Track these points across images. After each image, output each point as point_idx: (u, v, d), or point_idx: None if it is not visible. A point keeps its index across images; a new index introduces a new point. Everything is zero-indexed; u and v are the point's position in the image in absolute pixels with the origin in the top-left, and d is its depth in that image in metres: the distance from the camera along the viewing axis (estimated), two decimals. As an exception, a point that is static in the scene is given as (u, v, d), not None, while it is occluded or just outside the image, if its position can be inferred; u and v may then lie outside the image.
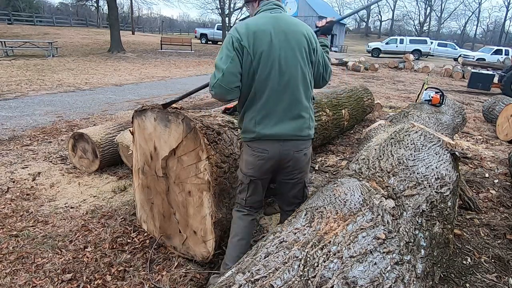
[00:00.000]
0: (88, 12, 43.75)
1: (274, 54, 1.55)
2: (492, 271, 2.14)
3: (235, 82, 1.55)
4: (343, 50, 34.59)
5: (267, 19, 1.58)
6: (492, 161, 4.22)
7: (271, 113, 1.61)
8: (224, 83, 1.51)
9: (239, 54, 1.52)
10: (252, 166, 1.71)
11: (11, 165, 3.49)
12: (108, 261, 2.11)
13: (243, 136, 1.71)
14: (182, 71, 12.45)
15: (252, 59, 1.53)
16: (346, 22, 57.53)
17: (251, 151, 1.68)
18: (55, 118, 5.38)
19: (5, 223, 2.48)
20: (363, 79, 12.46)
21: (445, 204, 1.81)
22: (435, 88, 4.63)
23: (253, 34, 1.52)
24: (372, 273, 1.17)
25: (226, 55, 1.52)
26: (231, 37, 1.54)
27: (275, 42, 1.55)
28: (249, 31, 1.53)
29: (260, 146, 1.65)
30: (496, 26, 61.18)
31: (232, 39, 1.53)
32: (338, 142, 4.71)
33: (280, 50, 1.56)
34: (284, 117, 1.62)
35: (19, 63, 11.42)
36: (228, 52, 1.52)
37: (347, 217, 1.43)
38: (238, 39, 1.52)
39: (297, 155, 1.71)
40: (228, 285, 1.09)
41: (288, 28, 1.59)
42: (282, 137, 1.63)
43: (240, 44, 1.52)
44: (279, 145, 1.64)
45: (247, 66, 1.55)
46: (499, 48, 23.27)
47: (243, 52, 1.52)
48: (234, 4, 21.63)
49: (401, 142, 2.30)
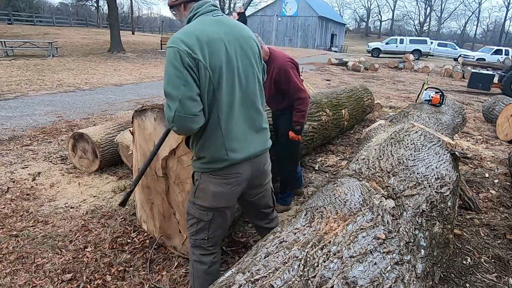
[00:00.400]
0: (88, 12, 43.77)
1: (233, 66, 1.34)
2: (492, 271, 2.14)
3: (197, 105, 1.27)
4: (343, 50, 34.61)
5: (213, 25, 1.32)
6: (492, 161, 4.23)
7: (240, 133, 1.41)
8: (185, 112, 1.23)
9: (192, 71, 1.23)
10: (221, 196, 1.46)
11: (11, 165, 3.49)
12: (108, 261, 2.11)
13: (209, 167, 1.41)
14: (182, 71, 12.44)
15: (210, 75, 1.27)
16: (346, 22, 57.50)
17: (221, 179, 1.42)
18: (55, 118, 5.38)
19: (5, 223, 2.48)
20: (363, 79, 12.47)
21: (445, 204, 1.81)
22: (435, 88, 4.63)
23: (207, 44, 1.26)
24: (372, 273, 1.17)
25: (176, 77, 1.22)
26: (177, 51, 1.22)
27: (231, 52, 1.33)
28: (201, 41, 1.25)
29: (232, 172, 1.43)
30: (496, 26, 61.21)
31: (180, 54, 1.21)
32: (338, 142, 4.72)
33: (237, 60, 1.36)
34: (251, 134, 1.46)
35: (19, 63, 11.42)
36: (177, 72, 1.22)
37: (347, 217, 1.43)
38: (188, 52, 1.22)
39: (266, 168, 1.60)
40: (228, 285, 1.10)
41: (239, 34, 1.39)
42: (253, 155, 1.47)
43: (192, 58, 1.22)
44: (250, 164, 1.47)
45: (205, 84, 1.28)
46: (499, 48, 23.28)
47: (198, 68, 1.24)
48: (234, 4, 21.63)
49: (401, 142, 2.30)
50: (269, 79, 2.53)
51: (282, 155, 2.72)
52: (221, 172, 1.41)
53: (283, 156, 2.72)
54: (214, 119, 1.34)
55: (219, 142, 1.36)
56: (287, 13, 36.16)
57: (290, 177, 2.84)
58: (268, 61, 2.53)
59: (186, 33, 1.26)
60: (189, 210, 1.53)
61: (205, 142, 1.37)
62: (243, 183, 1.49)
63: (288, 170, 2.80)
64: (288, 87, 2.51)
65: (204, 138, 1.37)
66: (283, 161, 2.74)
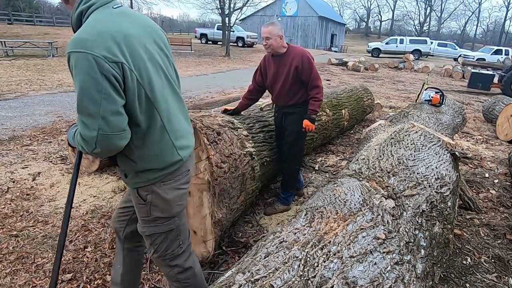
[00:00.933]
0: (88, 12, 43.72)
1: (155, 61, 1.21)
2: (492, 271, 2.14)
3: (124, 119, 1.09)
4: (343, 50, 34.62)
5: (120, 19, 1.13)
6: (492, 161, 4.23)
7: (182, 129, 1.32)
8: (112, 130, 1.05)
9: (115, 80, 1.04)
10: (180, 198, 1.36)
11: (11, 165, 3.49)
12: (108, 261, 2.11)
13: (160, 174, 1.25)
14: (182, 71, 12.44)
15: (137, 78, 1.11)
16: (346, 22, 57.59)
17: (175, 182, 1.31)
18: (55, 118, 5.38)
19: (5, 223, 2.48)
20: (363, 79, 12.47)
21: (445, 204, 1.81)
22: (435, 88, 4.64)
23: (124, 43, 1.08)
24: (372, 273, 1.17)
25: (95, 90, 1.00)
26: (92, 58, 0.99)
27: (149, 47, 1.20)
28: (117, 41, 1.06)
29: (182, 170, 1.34)
30: (496, 26, 61.22)
31: (96, 61, 0.99)
32: (338, 142, 4.71)
33: (156, 54, 1.23)
34: (186, 124, 1.38)
35: (19, 63, 11.42)
36: (95, 84, 1.00)
37: (347, 217, 1.43)
38: (107, 57, 1.01)
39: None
40: (228, 285, 1.10)
41: (148, 26, 1.25)
42: (193, 147, 1.41)
43: (114, 62, 1.03)
44: (191, 157, 1.41)
45: (134, 89, 1.10)
46: (499, 48, 23.27)
47: (123, 72, 1.06)
48: (234, 4, 21.61)
49: (401, 142, 2.30)
50: (287, 71, 2.53)
51: (288, 154, 2.71)
52: (173, 175, 1.29)
53: (289, 156, 2.71)
54: (157, 123, 1.20)
55: (168, 144, 1.25)
56: (287, 13, 36.16)
57: (293, 176, 2.83)
58: (286, 53, 2.55)
59: (95, 32, 1.03)
60: (149, 232, 1.35)
61: (152, 150, 1.22)
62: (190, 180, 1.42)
63: (293, 170, 2.80)
64: (309, 75, 2.53)
65: (149, 147, 1.21)
66: (289, 160, 2.73)
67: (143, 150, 1.20)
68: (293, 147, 2.69)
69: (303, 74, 2.53)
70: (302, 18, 35.84)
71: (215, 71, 12.94)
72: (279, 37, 2.47)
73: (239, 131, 2.41)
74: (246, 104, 2.78)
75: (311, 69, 2.53)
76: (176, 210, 1.35)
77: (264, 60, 2.70)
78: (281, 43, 2.51)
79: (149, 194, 1.27)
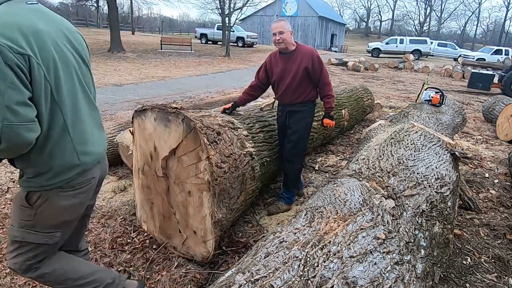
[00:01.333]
0: (88, 12, 43.78)
1: (67, 61, 1.17)
2: (492, 271, 2.14)
3: (33, 110, 1.04)
4: (343, 50, 34.61)
5: (31, 15, 1.09)
6: (492, 161, 4.23)
7: (88, 134, 1.26)
8: (20, 120, 0.99)
9: (20, 71, 0.99)
10: (74, 208, 1.28)
11: (11, 165, 3.49)
12: (108, 261, 2.11)
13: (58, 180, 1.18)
14: (182, 71, 12.45)
15: (45, 73, 1.06)
16: (346, 22, 57.63)
17: (73, 191, 1.24)
18: None
19: (5, 223, 2.48)
20: (363, 79, 12.47)
21: (445, 204, 1.81)
22: (435, 88, 4.64)
23: (32, 36, 1.03)
24: (372, 273, 1.17)
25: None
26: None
27: (61, 45, 1.15)
28: (25, 33, 1.01)
29: (85, 178, 1.26)
30: (496, 26, 61.21)
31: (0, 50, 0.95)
32: (338, 142, 4.72)
33: (69, 54, 1.19)
34: (96, 132, 1.33)
35: (19, 63, 11.42)
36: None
37: (347, 217, 1.43)
38: (11, 47, 0.97)
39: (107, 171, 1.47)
40: (228, 285, 1.10)
41: (63, 26, 1.21)
42: (101, 155, 1.35)
43: (19, 54, 0.99)
44: (99, 166, 1.35)
45: (41, 84, 1.05)
46: (499, 48, 23.27)
47: (30, 65, 1.02)
48: (234, 4, 21.60)
49: (401, 142, 2.30)
50: (295, 69, 2.54)
51: (292, 154, 2.71)
52: (73, 182, 1.22)
53: (293, 155, 2.71)
54: (59, 123, 1.14)
55: (68, 148, 1.18)
56: (287, 13, 36.15)
57: (296, 175, 2.84)
58: (295, 51, 2.56)
59: (1, 23, 0.99)
60: (21, 237, 1.23)
61: (51, 152, 1.15)
62: (92, 189, 1.34)
63: (296, 169, 2.80)
64: (320, 73, 2.55)
65: (48, 149, 1.14)
66: (293, 159, 2.73)
67: (41, 151, 1.14)
68: (297, 146, 2.69)
69: (314, 73, 2.55)
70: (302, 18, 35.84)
71: (215, 71, 12.94)
72: (290, 32, 2.50)
73: (239, 131, 2.41)
74: (246, 99, 2.79)
75: (321, 68, 2.56)
76: (64, 218, 1.26)
77: (271, 57, 2.70)
78: (291, 39, 2.53)
79: (40, 200, 1.19)
